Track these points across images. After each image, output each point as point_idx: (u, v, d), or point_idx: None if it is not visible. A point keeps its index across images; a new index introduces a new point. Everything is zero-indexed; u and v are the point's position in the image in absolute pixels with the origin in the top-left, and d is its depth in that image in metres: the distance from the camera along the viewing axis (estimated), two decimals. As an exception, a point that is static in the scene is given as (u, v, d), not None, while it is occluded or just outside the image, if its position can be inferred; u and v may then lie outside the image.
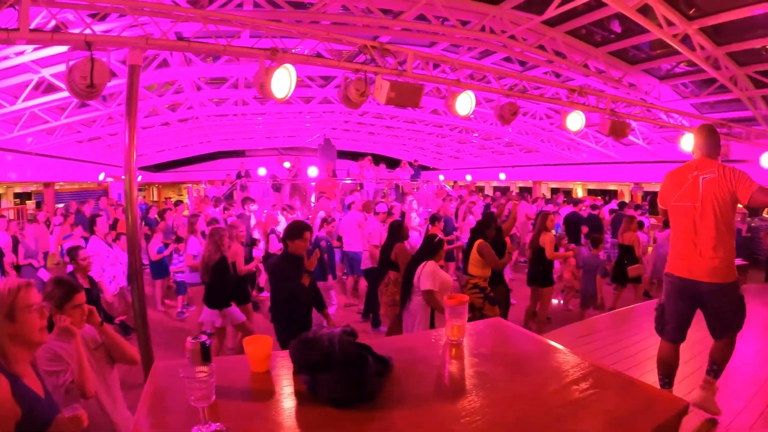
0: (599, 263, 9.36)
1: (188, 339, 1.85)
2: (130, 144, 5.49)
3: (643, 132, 19.00)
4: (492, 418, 1.80)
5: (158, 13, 6.11)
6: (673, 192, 4.23)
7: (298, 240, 5.37)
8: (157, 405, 1.91)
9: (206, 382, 1.72)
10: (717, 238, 3.94)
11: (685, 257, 4.12)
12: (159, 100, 15.25)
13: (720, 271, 3.95)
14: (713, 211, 3.95)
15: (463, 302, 2.50)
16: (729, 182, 3.90)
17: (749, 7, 8.99)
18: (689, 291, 4.12)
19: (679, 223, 4.19)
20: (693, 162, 4.24)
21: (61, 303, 3.15)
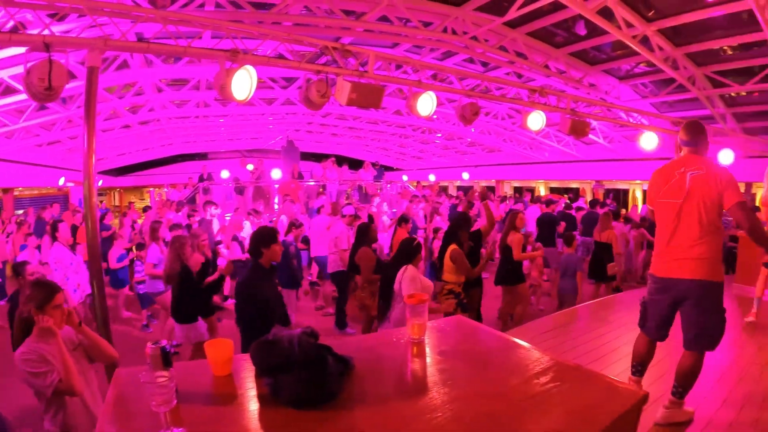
0: (578, 261, 9.34)
1: (148, 344, 1.85)
2: (88, 147, 5.40)
3: (604, 131, 19.31)
4: (453, 414, 1.82)
5: (118, 14, 6.02)
6: (660, 189, 4.15)
7: (274, 245, 4.76)
8: (120, 412, 1.89)
9: (166, 386, 1.71)
10: (700, 234, 3.85)
11: (667, 254, 4.05)
12: (119, 102, 14.98)
13: (702, 267, 3.85)
14: (698, 208, 3.85)
15: (423, 301, 2.52)
16: (719, 182, 3.81)
17: (707, 9, 9.20)
18: (671, 290, 4.04)
19: (664, 220, 4.10)
20: (681, 158, 4.17)
21: (42, 304, 3.15)
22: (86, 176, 5.45)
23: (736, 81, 12.33)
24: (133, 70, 12.41)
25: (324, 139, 27.26)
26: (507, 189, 28.90)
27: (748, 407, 4.45)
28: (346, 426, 1.78)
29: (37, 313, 3.13)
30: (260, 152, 28.72)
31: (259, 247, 4.69)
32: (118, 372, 2.15)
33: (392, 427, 1.76)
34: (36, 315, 3.12)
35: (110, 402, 1.92)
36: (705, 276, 3.84)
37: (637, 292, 9.12)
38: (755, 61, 11.39)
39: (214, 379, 2.11)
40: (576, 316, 7.64)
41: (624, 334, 6.53)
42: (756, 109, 14.61)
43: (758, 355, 5.77)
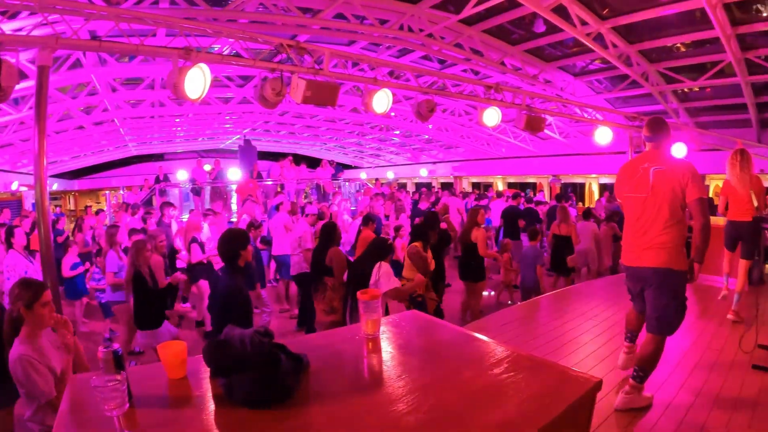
0: (538, 254, 9.42)
1: (100, 348, 1.82)
2: (39, 150, 5.26)
3: (560, 126, 19.60)
4: (408, 407, 1.84)
5: (70, 11, 5.89)
6: (626, 184, 4.37)
7: (249, 246, 4.70)
8: (75, 419, 1.86)
9: (118, 390, 1.69)
10: (664, 226, 4.06)
11: (635, 245, 4.27)
12: (73, 102, 14.63)
13: (663, 256, 4.07)
14: (662, 202, 4.07)
15: (375, 297, 2.53)
16: (682, 176, 4.01)
17: (660, 7, 9.40)
18: (638, 277, 4.33)
19: (631, 213, 4.33)
20: (644, 154, 4.37)
21: (31, 302, 3.18)
22: (37, 180, 5.31)
23: (688, 77, 12.65)
24: (87, 69, 12.16)
25: (281, 138, 27.13)
26: (465, 185, 29.09)
27: (705, 392, 4.56)
28: (303, 423, 1.78)
29: (27, 312, 3.17)
30: (217, 152, 28.47)
31: (238, 249, 4.60)
32: (72, 378, 2.12)
33: (348, 422, 1.77)
34: (25, 314, 3.17)
35: (65, 409, 1.88)
36: (666, 264, 4.06)
37: (594, 283, 9.30)
38: (707, 58, 11.67)
39: (170, 381, 2.08)
40: (535, 308, 7.73)
41: (582, 324, 6.66)
42: (708, 104, 15.02)
43: (712, 342, 5.91)
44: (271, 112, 20.10)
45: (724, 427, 3.94)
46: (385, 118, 19.85)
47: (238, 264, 4.63)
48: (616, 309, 7.27)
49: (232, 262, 4.62)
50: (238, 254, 4.58)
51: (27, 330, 3.20)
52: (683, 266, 4.12)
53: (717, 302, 7.47)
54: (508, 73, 13.18)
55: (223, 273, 4.86)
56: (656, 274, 4.12)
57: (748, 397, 4.49)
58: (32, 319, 3.19)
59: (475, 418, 1.79)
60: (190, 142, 27.27)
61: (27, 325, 3.20)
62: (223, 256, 4.69)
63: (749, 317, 6.11)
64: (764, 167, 15.44)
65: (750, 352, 5.33)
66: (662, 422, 4.03)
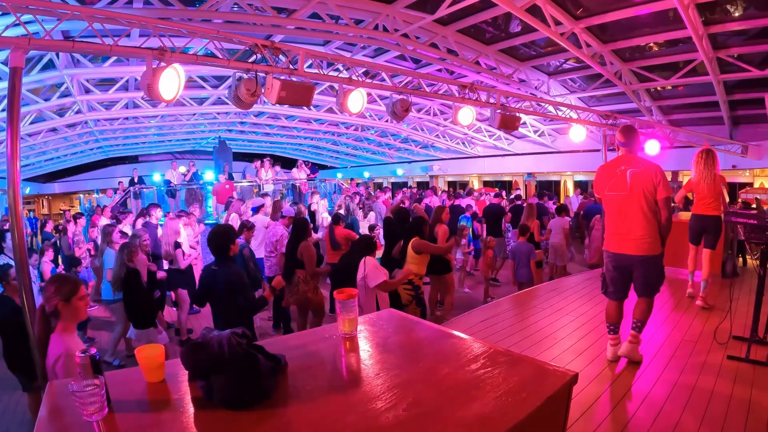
0: (529, 249, 9.68)
1: (77, 353, 1.81)
2: (12, 153, 5.16)
3: (534, 125, 19.72)
4: (386, 405, 1.86)
5: (43, 11, 5.81)
6: (605, 183, 5.10)
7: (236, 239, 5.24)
8: (55, 425, 1.84)
9: (96, 395, 1.68)
10: (643, 220, 4.85)
11: (617, 236, 5.04)
12: (45, 104, 14.47)
13: (645, 246, 4.86)
14: (639, 199, 4.84)
15: (352, 296, 2.54)
16: (654, 177, 4.81)
17: (633, 7, 9.51)
18: (622, 262, 5.05)
19: (612, 209, 5.09)
20: (620, 158, 5.13)
21: (69, 296, 3.25)
22: (11, 183, 5.21)
23: (661, 76, 12.82)
24: (60, 70, 12.01)
25: (257, 138, 26.97)
26: (441, 184, 29.19)
27: (681, 384, 4.65)
28: (282, 423, 1.79)
29: (64, 306, 3.23)
30: (192, 154, 28.26)
31: (228, 244, 5.06)
32: (50, 384, 2.09)
33: (327, 421, 1.78)
34: (63, 308, 3.23)
35: (44, 415, 1.86)
36: (647, 252, 4.87)
37: (570, 279, 9.40)
38: (680, 57, 11.83)
39: (148, 385, 2.07)
40: (512, 304, 7.79)
41: (558, 320, 6.74)
42: (681, 102, 15.22)
43: (687, 334, 6.01)
44: (247, 113, 20.02)
45: (701, 417, 4.00)
46: (361, 118, 19.84)
47: (229, 255, 5.09)
48: (592, 305, 7.38)
49: (224, 254, 5.06)
50: (228, 247, 5.06)
51: (63, 324, 3.25)
52: (659, 250, 4.93)
53: (694, 296, 7.59)
54: (482, 72, 13.25)
55: (217, 266, 5.09)
56: (642, 261, 4.90)
57: (724, 387, 4.57)
58: (70, 312, 3.26)
59: (452, 414, 1.81)
60: (165, 144, 26.97)
61: (63, 319, 3.25)
62: (215, 250, 5.08)
63: (723, 309, 6.23)
64: (736, 163, 15.72)
65: (725, 344, 5.46)
66: (639, 415, 4.09)
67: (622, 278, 5.15)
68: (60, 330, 3.24)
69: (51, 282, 3.36)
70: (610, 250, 5.15)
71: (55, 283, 3.32)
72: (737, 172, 17.19)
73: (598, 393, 4.50)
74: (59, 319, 3.24)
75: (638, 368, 5.06)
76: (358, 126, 23.71)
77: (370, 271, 6.25)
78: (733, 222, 5.68)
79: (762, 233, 5.22)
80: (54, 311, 3.22)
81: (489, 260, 11.04)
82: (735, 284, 7.66)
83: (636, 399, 4.39)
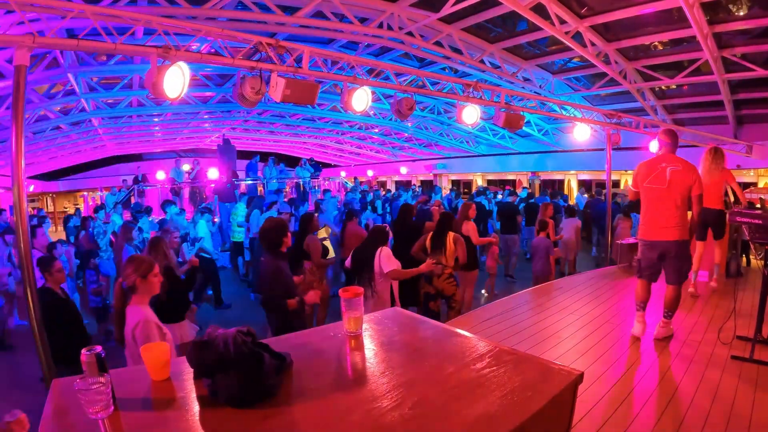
0: (548, 245, 9.98)
1: (83, 351, 1.80)
2: (17, 151, 5.16)
3: (539, 124, 19.69)
4: (391, 404, 1.85)
5: (47, 9, 5.81)
6: (646, 177, 5.73)
7: (289, 233, 5.61)
8: (60, 423, 1.83)
9: (102, 393, 1.67)
10: (676, 211, 5.53)
11: (653, 224, 5.70)
12: (50, 102, 14.49)
13: (678, 232, 5.53)
14: (675, 193, 5.52)
15: (357, 294, 2.54)
16: (690, 176, 5.52)
17: (638, 6, 9.48)
18: (657, 248, 5.68)
19: (649, 200, 5.74)
20: (661, 156, 5.80)
21: (146, 273, 3.78)
22: (15, 182, 5.21)
23: (666, 75, 12.78)
24: (64, 69, 12.02)
25: (261, 137, 26.96)
26: (445, 183, 29.18)
27: (685, 383, 4.66)
28: (287, 422, 1.78)
29: (141, 282, 3.75)
30: (196, 152, 28.24)
31: (281, 236, 5.43)
32: (55, 382, 2.08)
33: (332, 420, 1.78)
34: (140, 284, 3.74)
35: (49, 413, 1.85)
36: (679, 237, 5.54)
37: (575, 278, 9.38)
38: (684, 56, 11.80)
39: (153, 383, 2.07)
40: (517, 303, 7.77)
41: (563, 318, 6.73)
42: (685, 101, 15.16)
43: (692, 333, 6.02)
44: (251, 111, 20.05)
45: (704, 418, 4.00)
46: (365, 116, 19.85)
47: (281, 250, 5.47)
48: (597, 304, 7.37)
49: (276, 247, 5.43)
50: (281, 241, 5.43)
51: (138, 298, 3.77)
52: (688, 236, 5.63)
53: (696, 294, 7.62)
54: (487, 71, 13.24)
55: (266, 257, 5.47)
56: (674, 246, 5.57)
57: (728, 387, 4.56)
58: (146, 287, 3.79)
59: (458, 413, 1.80)
60: (169, 142, 26.98)
61: (140, 293, 3.76)
62: (267, 243, 5.46)
63: (728, 309, 6.23)
64: (741, 163, 15.66)
65: (729, 343, 5.45)
66: (643, 415, 4.08)
67: (656, 261, 5.75)
68: (136, 302, 3.75)
69: (129, 262, 3.84)
70: (647, 238, 5.78)
71: (133, 263, 3.81)
72: (742, 172, 17.13)
73: (602, 393, 4.49)
74: (136, 293, 3.76)
75: (641, 369, 5.05)
76: (362, 125, 23.69)
77: (384, 259, 6.55)
78: (737, 222, 5.68)
79: (766, 233, 5.22)
80: (132, 286, 3.73)
81: (494, 255, 11.17)
82: (739, 284, 7.65)
83: (640, 399, 4.38)
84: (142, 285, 3.76)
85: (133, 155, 29.46)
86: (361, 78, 7.93)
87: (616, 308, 7.11)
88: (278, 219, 5.97)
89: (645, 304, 5.92)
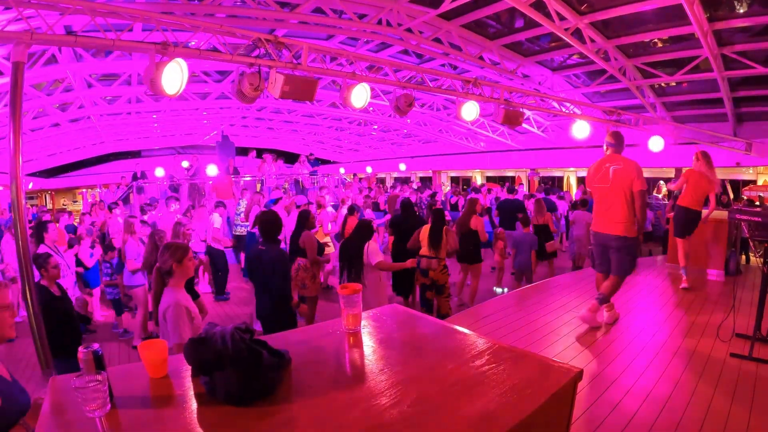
0: (532, 240, 10.37)
1: (80, 348, 1.80)
2: (15, 148, 5.16)
3: (538, 121, 19.68)
4: (390, 401, 1.84)
5: (45, 6, 5.79)
6: (594, 177, 6.23)
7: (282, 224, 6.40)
8: (57, 421, 1.82)
9: (98, 390, 1.67)
10: (620, 207, 5.93)
11: (600, 219, 6.19)
12: (48, 99, 14.43)
13: (623, 228, 5.93)
14: (619, 190, 5.93)
15: (356, 291, 2.53)
16: (630, 172, 5.88)
17: (638, 3, 9.46)
18: (603, 240, 6.19)
19: (598, 197, 6.27)
20: (606, 157, 6.20)
21: (181, 258, 4.06)
22: (13, 178, 5.21)
23: (665, 72, 12.73)
24: (62, 65, 11.98)
25: (260, 133, 26.97)
26: (444, 179, 29.18)
27: (684, 381, 4.65)
28: (285, 419, 1.77)
29: (177, 267, 4.03)
30: (195, 148, 28.20)
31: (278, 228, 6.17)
32: (53, 379, 2.08)
33: (331, 417, 1.77)
34: (176, 268, 4.02)
35: (46, 411, 1.85)
36: (623, 233, 5.96)
37: (574, 275, 9.40)
38: (684, 53, 11.77)
39: (151, 381, 2.06)
40: (516, 300, 7.79)
41: (562, 315, 6.74)
42: (685, 99, 15.13)
43: (691, 331, 6.01)
44: (250, 108, 20.02)
45: (704, 415, 4.00)
46: (364, 112, 19.83)
47: (277, 238, 6.21)
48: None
49: (273, 236, 6.07)
50: (278, 230, 6.16)
51: (174, 281, 4.04)
52: (634, 234, 5.96)
53: (695, 292, 7.65)
54: (486, 67, 13.22)
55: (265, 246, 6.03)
56: (617, 239, 6.01)
57: (727, 385, 4.57)
58: (181, 271, 4.06)
59: (457, 410, 1.79)
60: (168, 138, 26.91)
61: (175, 277, 4.04)
62: (265, 233, 6.08)
63: (727, 306, 6.23)
64: (740, 160, 15.66)
65: (728, 341, 5.45)
66: (642, 411, 4.09)
67: (604, 253, 6.24)
68: (172, 285, 4.03)
69: (166, 248, 4.12)
70: (594, 230, 6.33)
71: (170, 249, 4.09)
72: (741, 170, 17.13)
73: (601, 390, 4.50)
74: (172, 276, 4.03)
75: (640, 366, 5.04)
76: (361, 121, 23.68)
77: (371, 253, 6.90)
78: (736, 219, 5.68)
79: (766, 230, 5.23)
80: (169, 270, 4.01)
81: (500, 250, 11.35)
82: (738, 282, 7.67)
83: (639, 396, 4.38)
84: (178, 269, 4.03)
85: (131, 152, 29.40)
86: (360, 74, 7.92)
87: (617, 306, 7.12)
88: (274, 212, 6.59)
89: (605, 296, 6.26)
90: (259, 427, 1.71)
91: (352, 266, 6.99)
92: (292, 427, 1.73)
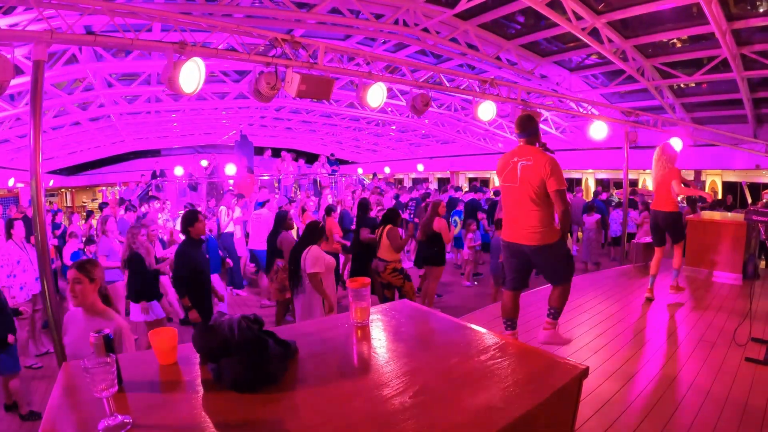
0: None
1: (91, 333, 1.85)
2: (35, 146, 5.23)
3: (556, 121, 19.57)
4: (394, 391, 1.87)
5: (65, 6, 5.87)
6: (501, 174, 4.97)
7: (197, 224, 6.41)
8: (68, 402, 1.89)
9: (107, 372, 1.71)
10: (532, 211, 4.71)
11: (511, 226, 4.95)
12: (69, 98, 14.61)
13: (538, 235, 4.73)
14: (529, 190, 4.68)
15: (365, 284, 2.55)
16: (542, 170, 4.60)
17: (656, 2, 9.41)
18: (516, 251, 4.95)
19: (506, 199, 5.00)
20: (516, 149, 4.94)
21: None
22: (33, 176, 5.28)
23: (684, 72, 12.64)
24: (82, 65, 12.13)
25: (278, 133, 27.09)
26: (462, 180, 29.12)
27: (698, 384, 4.64)
28: (289, 406, 1.80)
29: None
30: (214, 148, 28.36)
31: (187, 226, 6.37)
32: (65, 364, 2.14)
33: (333, 405, 1.79)
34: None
35: (58, 393, 1.90)
36: (539, 242, 4.75)
37: (588, 277, 9.35)
38: (703, 53, 11.69)
39: (160, 367, 2.10)
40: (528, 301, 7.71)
41: (576, 317, 6.73)
42: (704, 99, 15.01)
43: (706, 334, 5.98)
44: (268, 107, 20.12)
45: (716, 418, 3.98)
46: (382, 112, 19.86)
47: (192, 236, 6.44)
48: (610, 303, 7.34)
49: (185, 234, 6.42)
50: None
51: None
52: (555, 238, 4.78)
53: (711, 295, 7.58)
54: (504, 67, 13.21)
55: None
56: (537, 250, 4.80)
57: (741, 389, 4.53)
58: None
59: (459, 402, 1.81)
60: (187, 138, 27.14)
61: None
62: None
63: (744, 310, 6.16)
64: (761, 162, 15.49)
65: (744, 345, 5.38)
66: (654, 414, 4.07)
67: (518, 266, 5.05)
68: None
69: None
70: (504, 239, 5.09)
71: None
72: (761, 172, 16.94)
73: (613, 391, 4.48)
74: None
75: (653, 369, 5.03)
76: (379, 121, 23.71)
77: (308, 259, 6.56)
78: (754, 221, 5.61)
79: (785, 233, 5.14)
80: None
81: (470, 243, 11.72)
82: (756, 286, 7.57)
83: (652, 398, 4.36)
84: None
85: (151, 150, 29.65)
86: (377, 74, 7.95)
87: (630, 308, 7.08)
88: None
89: (513, 321, 5.26)
90: (263, 413, 1.75)
91: (297, 271, 6.81)
92: (296, 414, 1.76)
